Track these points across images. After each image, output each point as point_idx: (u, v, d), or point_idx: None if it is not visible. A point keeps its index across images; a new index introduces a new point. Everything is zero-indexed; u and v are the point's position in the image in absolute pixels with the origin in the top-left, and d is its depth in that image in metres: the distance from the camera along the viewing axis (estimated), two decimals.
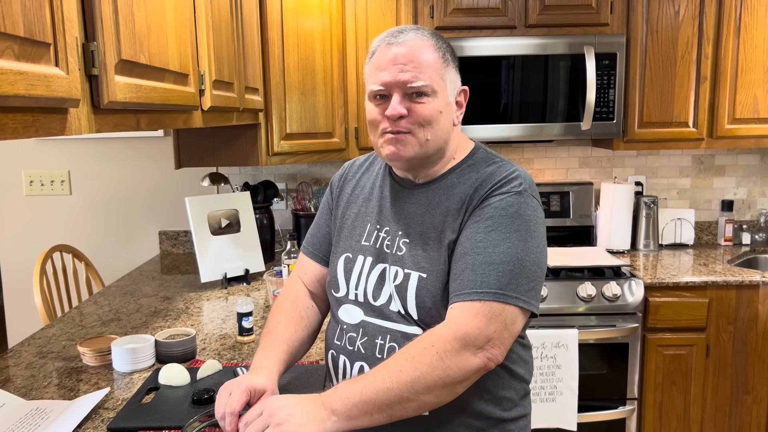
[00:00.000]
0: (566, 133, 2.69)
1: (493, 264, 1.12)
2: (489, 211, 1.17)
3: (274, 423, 1.05)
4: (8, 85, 0.75)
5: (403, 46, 1.18)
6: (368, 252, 1.30)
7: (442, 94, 1.20)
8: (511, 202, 1.17)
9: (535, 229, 1.17)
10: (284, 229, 3.12)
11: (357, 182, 1.41)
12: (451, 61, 1.23)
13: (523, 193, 1.18)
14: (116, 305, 2.25)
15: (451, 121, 1.24)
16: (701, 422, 2.59)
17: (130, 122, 1.18)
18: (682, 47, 2.68)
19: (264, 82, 2.44)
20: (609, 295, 2.47)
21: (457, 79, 1.26)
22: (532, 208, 1.18)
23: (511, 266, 1.12)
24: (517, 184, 1.19)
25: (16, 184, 3.04)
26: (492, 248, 1.13)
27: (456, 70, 1.25)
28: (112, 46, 1.05)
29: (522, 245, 1.14)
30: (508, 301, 1.11)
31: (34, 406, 1.44)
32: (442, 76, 1.20)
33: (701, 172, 3.14)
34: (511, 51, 2.62)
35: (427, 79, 1.18)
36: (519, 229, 1.14)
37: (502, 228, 1.15)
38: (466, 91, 1.28)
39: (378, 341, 1.24)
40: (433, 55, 1.19)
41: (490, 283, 1.11)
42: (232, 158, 2.49)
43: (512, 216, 1.15)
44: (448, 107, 1.22)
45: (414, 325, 1.21)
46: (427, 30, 1.24)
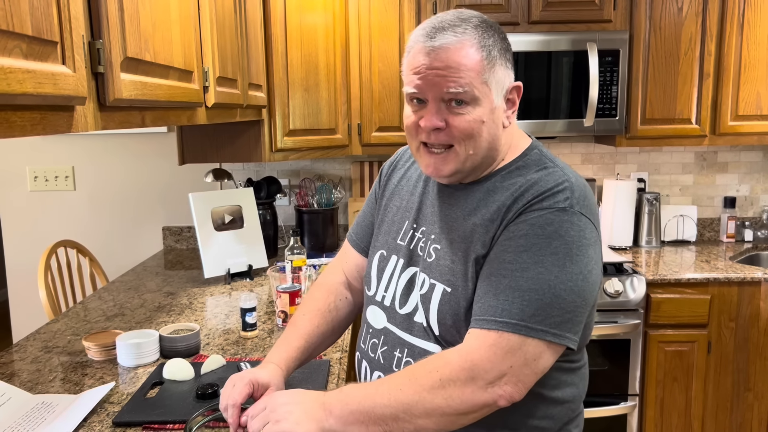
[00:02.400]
0: (569, 129, 2.69)
1: (518, 290, 1.00)
2: (524, 227, 1.03)
3: (273, 419, 1.04)
4: (17, 83, 0.76)
5: (440, 48, 1.04)
6: (402, 252, 1.21)
7: (486, 100, 1.06)
8: (551, 219, 1.02)
9: (579, 252, 1.01)
10: (287, 225, 3.13)
11: (405, 172, 1.31)
12: (498, 57, 1.07)
13: (568, 210, 1.02)
14: (120, 300, 2.27)
15: (500, 126, 1.10)
16: (702, 418, 2.60)
17: (135, 119, 1.19)
18: (685, 44, 2.68)
19: (267, 79, 2.45)
20: (611, 291, 2.47)
21: (508, 75, 1.10)
22: (577, 228, 1.02)
23: (540, 294, 0.99)
24: (563, 198, 1.03)
25: (21, 179, 3.05)
26: (520, 272, 1.00)
27: (506, 65, 1.09)
28: (117, 43, 1.06)
29: (557, 271, 0.99)
30: (530, 334, 0.98)
31: (40, 400, 1.46)
32: (486, 79, 1.05)
33: (704, 168, 3.14)
34: (513, 47, 2.60)
35: (467, 85, 1.04)
36: (556, 252, 1.00)
37: (536, 249, 1.01)
38: (519, 87, 1.12)
39: (396, 353, 1.18)
40: (474, 57, 1.04)
41: (512, 313, 0.99)
42: (236, 154, 2.50)
43: (550, 236, 1.01)
44: (494, 113, 1.08)
45: (434, 342, 1.12)
46: (472, 21, 1.07)
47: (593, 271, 1.04)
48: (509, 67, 1.10)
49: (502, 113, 1.10)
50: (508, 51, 1.11)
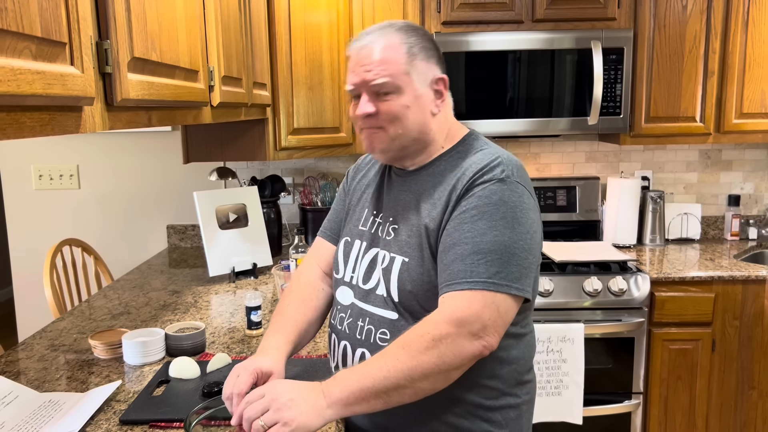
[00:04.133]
0: (573, 127, 2.69)
1: (481, 253, 1.14)
2: (473, 200, 1.18)
3: (274, 407, 1.06)
4: (26, 84, 0.77)
5: (365, 47, 1.23)
6: (364, 237, 1.36)
7: (408, 88, 1.22)
8: (494, 189, 1.18)
9: (522, 215, 1.17)
10: (291, 224, 3.13)
11: (366, 172, 1.48)
12: (419, 52, 1.23)
13: (506, 180, 1.18)
14: (126, 299, 2.28)
15: (426, 112, 1.25)
16: (706, 417, 2.60)
17: (142, 119, 1.19)
18: (690, 42, 2.68)
19: (271, 78, 2.45)
20: (615, 289, 2.47)
21: (431, 69, 1.25)
22: (517, 194, 1.18)
23: (499, 254, 1.13)
24: (500, 171, 1.20)
25: (26, 178, 3.06)
26: (479, 237, 1.15)
27: (429, 60, 1.24)
28: (125, 44, 1.06)
29: (509, 232, 1.15)
30: (499, 289, 1.12)
31: (47, 398, 1.46)
32: (408, 70, 1.21)
33: (708, 166, 3.14)
34: (517, 45, 2.62)
35: (389, 76, 1.21)
36: (505, 216, 1.15)
37: (487, 216, 1.16)
38: (443, 79, 1.27)
39: (359, 323, 1.31)
40: (395, 52, 1.21)
41: (480, 273, 1.13)
42: (240, 153, 2.51)
43: (496, 204, 1.16)
44: (419, 100, 1.23)
45: (392, 310, 1.26)
46: (397, 24, 1.26)
47: (537, 232, 1.21)
48: (433, 63, 1.26)
49: (429, 101, 1.25)
50: (432, 49, 1.26)
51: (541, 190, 3.02)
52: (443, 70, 1.28)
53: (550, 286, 2.48)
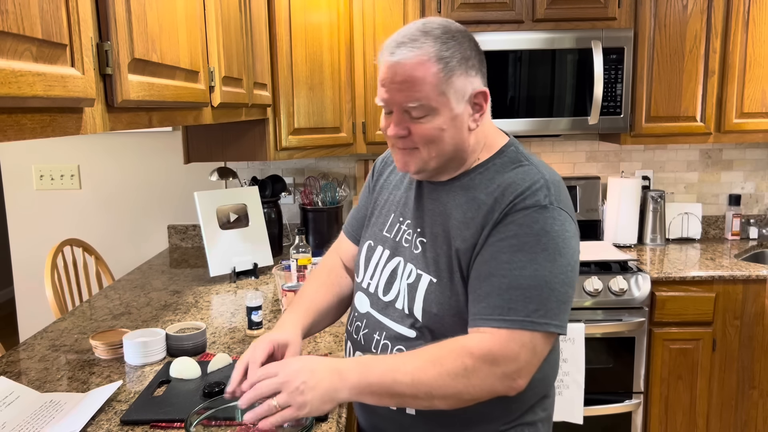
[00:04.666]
0: (573, 127, 2.69)
1: (520, 288, 1.07)
2: (513, 228, 1.10)
3: (288, 390, 1.05)
4: (27, 86, 0.77)
5: (398, 64, 1.12)
6: (387, 244, 1.30)
7: (445, 109, 1.13)
8: (536, 218, 1.09)
9: (564, 245, 1.09)
10: (292, 224, 3.14)
11: (394, 168, 1.39)
12: (457, 67, 1.12)
13: (549, 207, 1.10)
14: (127, 299, 2.28)
15: (464, 129, 1.17)
16: (707, 416, 2.61)
17: (142, 120, 1.19)
18: (690, 41, 2.68)
19: (272, 78, 2.45)
20: (615, 289, 2.48)
21: (470, 83, 1.15)
22: (560, 222, 1.10)
23: (539, 291, 1.07)
24: (543, 196, 1.11)
25: (27, 178, 3.07)
26: (518, 270, 1.08)
27: (467, 73, 1.14)
28: (125, 45, 1.06)
29: (550, 266, 1.07)
30: (536, 328, 1.06)
31: (48, 398, 1.47)
32: (444, 90, 1.12)
33: (708, 166, 3.14)
34: (518, 45, 2.62)
35: (423, 98, 1.12)
36: (546, 249, 1.08)
37: (528, 248, 1.08)
38: (484, 93, 1.18)
39: (375, 336, 1.27)
40: (430, 71, 1.10)
41: (518, 310, 1.06)
42: (241, 153, 2.51)
43: (538, 234, 1.08)
44: (456, 120, 1.15)
45: (410, 328, 1.21)
46: (434, 32, 1.12)
47: (578, 261, 1.14)
48: (472, 74, 1.15)
49: (466, 118, 1.16)
50: (472, 58, 1.15)
51: None
52: (484, 77, 1.19)
53: None
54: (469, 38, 1.17)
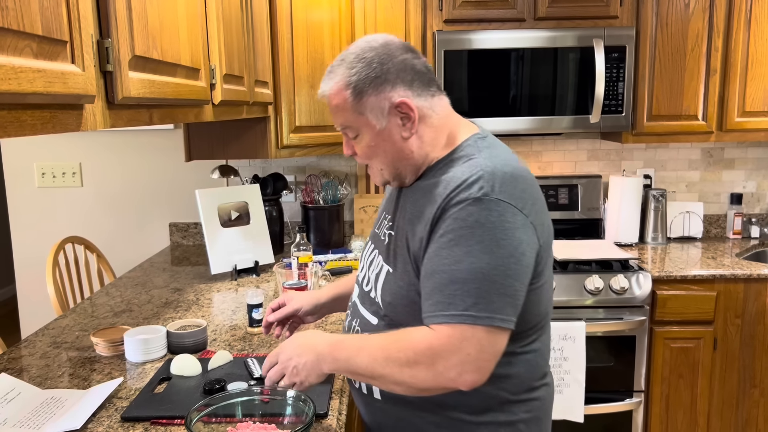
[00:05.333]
0: (575, 125, 2.69)
1: (458, 283, 1.07)
2: (450, 223, 1.11)
3: (288, 374, 1.24)
4: (27, 82, 0.77)
5: (323, 96, 1.24)
6: (374, 238, 1.38)
7: (366, 127, 1.20)
8: (471, 211, 1.09)
9: (504, 236, 1.07)
10: (293, 222, 3.14)
11: None
12: (367, 86, 1.17)
13: (484, 199, 1.09)
14: (128, 296, 2.28)
15: (396, 140, 1.21)
16: (708, 415, 2.60)
17: (143, 117, 1.20)
18: (692, 40, 2.67)
19: (273, 76, 2.46)
20: (617, 287, 2.47)
21: (384, 98, 1.18)
22: (497, 214, 1.08)
23: (477, 284, 1.06)
24: (477, 188, 1.10)
25: (29, 175, 3.07)
26: (455, 265, 1.08)
27: (380, 89, 1.17)
28: (126, 42, 1.06)
29: (487, 258, 1.06)
30: (477, 322, 1.06)
31: (49, 395, 1.47)
32: (359, 111, 1.19)
33: (710, 165, 3.13)
34: (520, 44, 2.62)
35: (346, 122, 1.22)
36: (482, 241, 1.07)
37: (463, 241, 1.08)
38: (404, 103, 1.18)
39: (353, 323, 1.37)
40: (342, 97, 1.19)
41: (457, 305, 1.07)
42: (242, 151, 2.51)
43: (472, 226, 1.08)
44: (382, 134, 1.20)
45: (374, 315, 1.29)
46: (347, 59, 1.20)
47: (526, 253, 1.10)
48: (387, 89, 1.18)
49: (395, 130, 1.20)
50: (387, 73, 1.18)
51: (543, 188, 2.99)
52: (408, 83, 1.19)
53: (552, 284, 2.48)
54: (382, 54, 1.19)
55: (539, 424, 1.28)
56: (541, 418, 1.29)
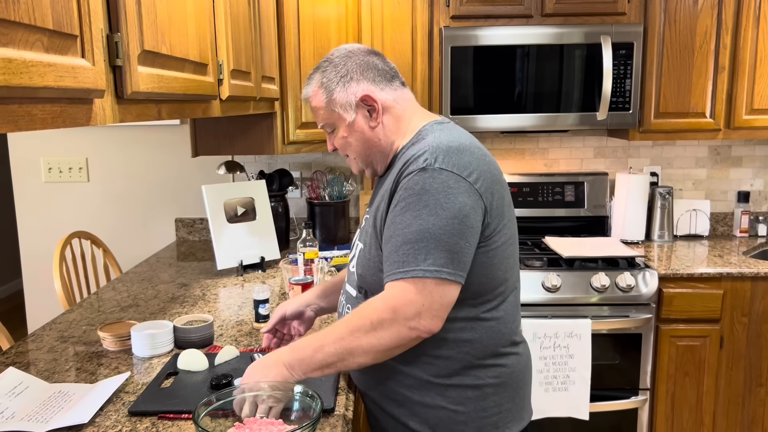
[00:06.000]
0: (581, 123, 2.68)
1: (409, 243, 1.21)
2: (401, 193, 1.25)
3: (260, 401, 1.23)
4: (38, 76, 0.77)
5: (305, 100, 1.44)
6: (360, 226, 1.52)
7: (340, 121, 1.38)
8: (416, 180, 1.23)
9: (447, 200, 1.21)
10: (299, 218, 3.14)
11: None
12: (335, 86, 1.36)
13: (428, 169, 1.23)
14: (134, 291, 2.29)
15: (365, 130, 1.38)
16: (714, 413, 2.60)
17: (151, 112, 1.20)
18: (701, 37, 2.66)
19: (280, 71, 2.45)
20: (623, 285, 2.47)
21: (350, 93, 1.35)
22: (440, 181, 1.22)
23: (426, 242, 1.20)
24: (423, 160, 1.25)
25: (35, 170, 3.08)
26: (407, 228, 1.22)
27: (346, 86, 1.35)
28: (135, 37, 1.06)
29: (433, 219, 1.20)
30: (427, 275, 1.19)
31: (57, 389, 1.48)
32: (332, 108, 1.37)
33: (717, 162, 3.12)
34: (526, 40, 2.61)
35: (323, 119, 1.40)
36: (427, 205, 1.21)
37: (412, 207, 1.23)
38: (368, 96, 1.35)
39: (342, 299, 1.51)
40: (318, 97, 1.39)
41: (410, 261, 1.20)
42: (249, 147, 2.51)
43: (419, 193, 1.22)
44: (352, 126, 1.38)
45: (354, 288, 1.44)
46: (321, 66, 1.40)
47: (470, 216, 1.23)
48: (353, 85, 1.36)
49: (362, 121, 1.38)
50: (353, 71, 1.36)
51: (548, 185, 3.02)
52: (371, 80, 1.36)
53: (558, 282, 2.47)
54: (350, 56, 1.38)
55: (508, 390, 1.37)
56: (509, 384, 1.37)
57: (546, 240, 2.84)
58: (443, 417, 1.34)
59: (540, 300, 2.48)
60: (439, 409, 1.34)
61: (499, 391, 1.36)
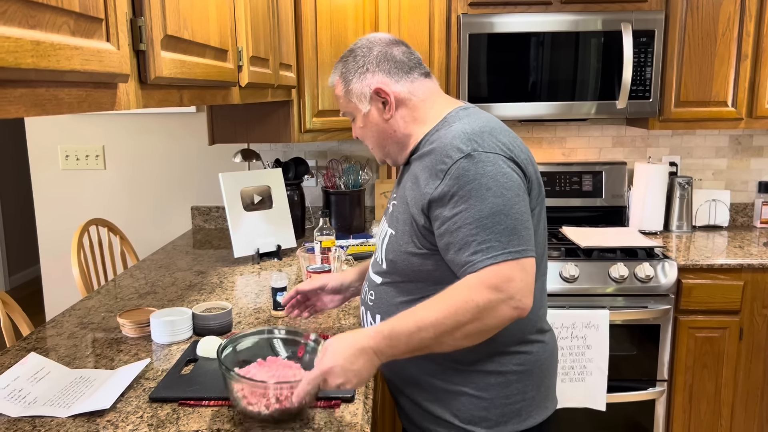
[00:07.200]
0: (599, 111, 2.65)
1: (486, 228, 1.18)
2: (452, 183, 1.22)
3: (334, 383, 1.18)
4: (65, 60, 0.76)
5: (331, 89, 1.54)
6: (384, 214, 1.51)
7: (357, 111, 1.41)
8: (466, 167, 1.21)
9: (504, 179, 1.21)
10: (314, 206, 3.14)
11: None
12: (352, 76, 1.39)
13: (473, 154, 1.22)
14: (152, 278, 2.30)
15: (380, 122, 1.39)
16: (732, 406, 2.58)
17: (174, 98, 1.19)
18: (723, 24, 2.62)
19: (297, 59, 2.44)
20: (641, 276, 2.45)
21: (365, 85, 1.37)
22: (491, 163, 1.21)
23: (503, 225, 1.18)
24: (465, 147, 1.23)
25: (53, 158, 3.09)
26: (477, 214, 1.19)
27: (362, 78, 1.37)
28: (158, 21, 1.05)
29: (501, 200, 1.19)
30: (515, 257, 1.18)
31: (78, 374, 1.48)
32: (349, 98, 1.41)
33: (738, 152, 3.08)
34: (542, 27, 2.58)
35: (342, 108, 1.45)
36: (490, 188, 1.20)
37: (474, 193, 1.20)
38: (380, 89, 1.36)
39: (366, 287, 1.51)
40: (339, 87, 1.43)
41: (494, 246, 1.17)
42: (265, 135, 2.50)
43: (475, 178, 1.20)
44: (368, 116, 1.40)
45: (377, 275, 1.43)
46: (344, 57, 1.43)
47: (524, 191, 1.24)
48: (368, 77, 1.37)
49: (377, 113, 1.39)
50: (368, 63, 1.38)
51: (566, 174, 2.99)
52: (386, 72, 1.36)
53: (576, 272, 2.46)
54: (370, 48, 1.39)
55: (532, 378, 1.36)
56: (533, 372, 1.36)
57: (563, 230, 2.81)
58: (466, 403, 1.33)
59: (557, 290, 2.47)
60: (461, 395, 1.33)
61: (522, 378, 1.35)
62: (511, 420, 1.34)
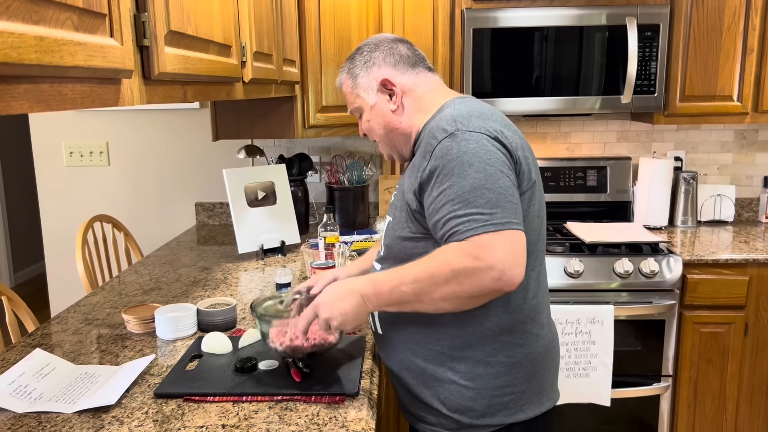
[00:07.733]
0: (603, 106, 2.64)
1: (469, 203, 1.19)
2: (436, 161, 1.25)
3: (322, 317, 1.30)
4: (69, 55, 0.76)
5: (338, 89, 1.56)
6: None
7: (365, 104, 1.47)
8: (449, 145, 1.24)
9: (487, 156, 1.22)
10: (318, 202, 3.13)
11: None
12: (359, 71, 1.45)
13: (456, 133, 1.25)
14: (156, 275, 2.30)
15: (386, 113, 1.44)
16: (737, 401, 2.57)
17: (177, 94, 1.19)
18: (729, 18, 2.60)
19: (300, 55, 2.44)
20: (646, 271, 2.44)
21: (372, 78, 1.44)
22: (474, 140, 1.24)
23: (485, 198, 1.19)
24: (449, 127, 1.27)
25: (57, 155, 3.10)
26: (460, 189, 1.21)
27: (369, 71, 1.44)
28: (162, 17, 1.05)
29: (482, 175, 1.20)
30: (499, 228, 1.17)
31: (83, 370, 1.49)
32: (357, 92, 1.47)
33: (743, 147, 3.06)
34: (546, 22, 2.57)
35: (352, 103, 1.50)
36: (472, 164, 1.21)
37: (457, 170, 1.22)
38: (387, 80, 1.42)
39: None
40: (347, 83, 1.49)
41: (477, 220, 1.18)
42: (269, 131, 2.50)
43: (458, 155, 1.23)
44: (374, 109, 1.45)
45: (377, 263, 1.49)
46: (351, 56, 1.49)
47: (510, 169, 1.26)
48: (374, 70, 1.44)
49: (384, 104, 1.44)
50: (374, 58, 1.44)
51: (570, 169, 2.98)
52: (392, 65, 1.43)
53: (580, 267, 2.45)
54: (377, 44, 1.46)
55: (522, 371, 1.35)
56: (523, 366, 1.36)
57: (568, 225, 2.81)
58: (453, 392, 1.35)
59: (562, 285, 2.46)
60: (449, 383, 1.35)
61: (512, 371, 1.35)
62: (498, 412, 1.34)
